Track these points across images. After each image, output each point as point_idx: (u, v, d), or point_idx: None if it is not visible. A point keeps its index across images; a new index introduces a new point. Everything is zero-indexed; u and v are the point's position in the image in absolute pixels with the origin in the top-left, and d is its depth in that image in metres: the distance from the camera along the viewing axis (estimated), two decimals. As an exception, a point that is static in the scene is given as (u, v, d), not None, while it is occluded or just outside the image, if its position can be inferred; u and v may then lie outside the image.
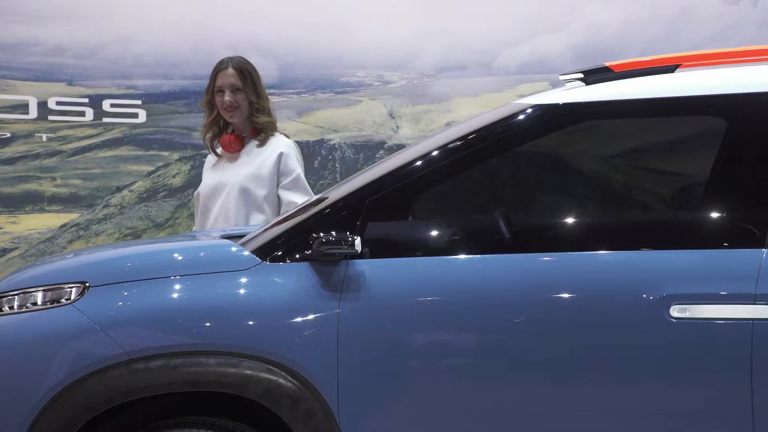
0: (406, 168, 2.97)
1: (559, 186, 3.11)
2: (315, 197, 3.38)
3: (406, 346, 2.80)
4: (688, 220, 2.92)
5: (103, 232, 7.20)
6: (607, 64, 3.16)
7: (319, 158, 7.49)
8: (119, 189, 7.26)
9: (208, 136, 4.57)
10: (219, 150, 4.57)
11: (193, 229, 4.77)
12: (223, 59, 4.57)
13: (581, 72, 3.17)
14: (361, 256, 2.84)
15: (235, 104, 4.46)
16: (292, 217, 3.08)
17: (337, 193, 3.07)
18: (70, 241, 7.14)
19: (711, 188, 2.89)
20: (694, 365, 2.73)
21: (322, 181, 7.42)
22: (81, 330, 2.81)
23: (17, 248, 7.05)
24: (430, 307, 2.81)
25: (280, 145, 4.48)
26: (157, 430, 2.82)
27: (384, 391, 2.78)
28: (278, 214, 4.45)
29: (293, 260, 2.88)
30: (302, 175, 4.48)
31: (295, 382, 2.76)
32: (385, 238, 2.90)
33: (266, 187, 4.41)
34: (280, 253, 2.90)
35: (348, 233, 2.82)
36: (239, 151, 4.50)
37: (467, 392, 2.78)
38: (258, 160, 4.45)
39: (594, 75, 3.13)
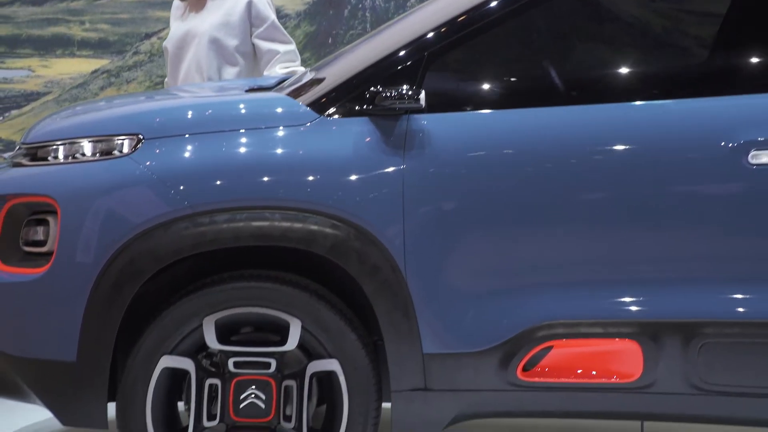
0: (467, 17, 2.87)
1: (628, 34, 3.02)
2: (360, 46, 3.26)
3: (473, 201, 2.77)
4: (766, 64, 2.83)
5: (134, 79, 7.12)
6: None
7: (349, 7, 7.33)
8: (148, 36, 7.14)
9: None
10: None
11: (165, 81, 4.60)
12: None
13: None
14: (421, 110, 2.79)
15: None
16: (346, 69, 3.01)
17: (391, 43, 2.98)
18: (102, 88, 7.07)
19: None
20: None
21: (352, 31, 7.27)
22: (142, 183, 2.77)
23: (50, 92, 6.99)
24: (495, 161, 2.78)
25: None
26: (223, 282, 2.82)
27: (451, 246, 2.76)
28: (254, 64, 4.31)
29: (352, 114, 2.83)
30: (276, 21, 4.28)
31: (361, 237, 2.75)
32: (447, 91, 2.85)
33: (237, 36, 4.22)
34: (337, 107, 2.84)
35: (407, 87, 2.77)
36: None
37: (537, 245, 2.77)
38: (225, 7, 4.25)
39: None
